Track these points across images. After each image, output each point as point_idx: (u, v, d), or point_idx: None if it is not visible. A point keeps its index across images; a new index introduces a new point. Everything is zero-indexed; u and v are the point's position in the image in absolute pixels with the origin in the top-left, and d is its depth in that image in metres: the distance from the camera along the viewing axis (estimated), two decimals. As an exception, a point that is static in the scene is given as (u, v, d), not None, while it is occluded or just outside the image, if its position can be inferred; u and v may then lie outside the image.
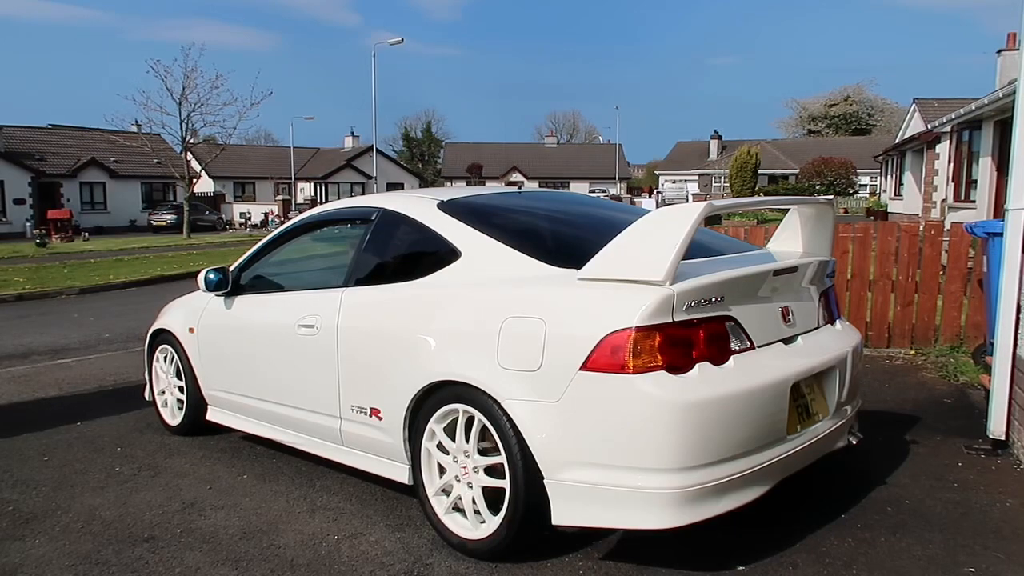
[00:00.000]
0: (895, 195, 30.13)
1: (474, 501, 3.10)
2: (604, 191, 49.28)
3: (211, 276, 4.43)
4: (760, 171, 46.47)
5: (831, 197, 4.08)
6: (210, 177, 46.32)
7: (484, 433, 3.04)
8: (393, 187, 48.24)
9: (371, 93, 39.27)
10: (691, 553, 3.06)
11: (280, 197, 47.06)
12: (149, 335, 5.14)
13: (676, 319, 2.72)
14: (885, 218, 25.64)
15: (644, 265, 2.75)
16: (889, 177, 33.35)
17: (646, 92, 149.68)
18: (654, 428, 2.65)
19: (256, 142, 65.71)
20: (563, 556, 3.07)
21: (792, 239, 3.76)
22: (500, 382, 2.90)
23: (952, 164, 19.99)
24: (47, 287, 13.25)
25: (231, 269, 4.52)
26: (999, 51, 22.10)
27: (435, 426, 3.20)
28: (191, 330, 4.71)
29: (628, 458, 2.70)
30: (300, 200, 48.00)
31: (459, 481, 3.16)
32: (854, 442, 3.53)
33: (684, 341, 2.75)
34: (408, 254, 3.77)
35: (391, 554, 3.16)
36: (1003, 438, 4.23)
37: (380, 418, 3.44)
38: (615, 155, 61.70)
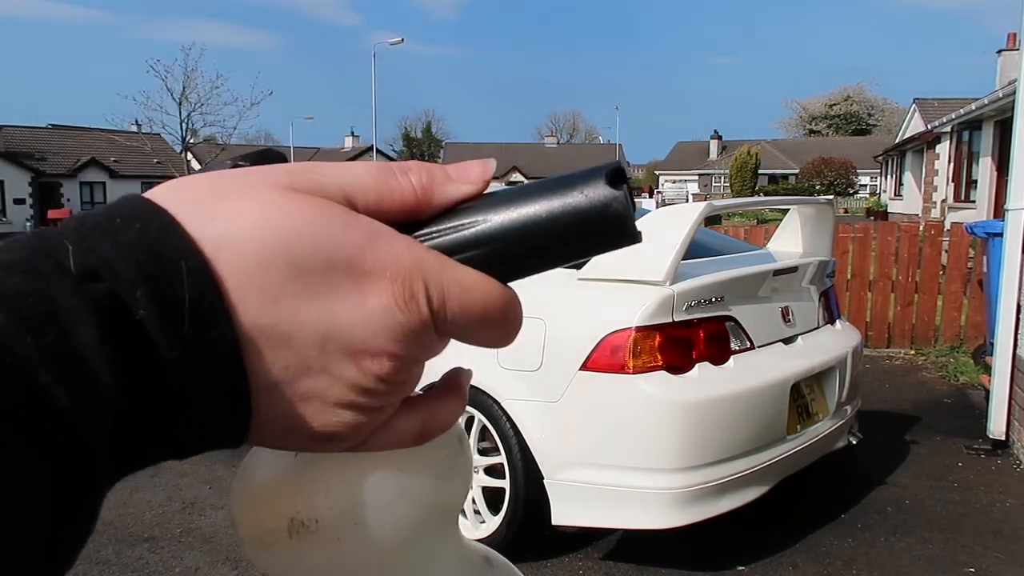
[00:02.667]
0: (895, 195, 30.13)
1: (474, 501, 3.10)
2: (604, 191, 49.13)
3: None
4: (760, 171, 46.49)
5: (831, 197, 4.09)
6: (210, 177, 46.29)
7: (484, 433, 3.04)
8: (393, 187, 48.06)
9: (371, 93, 39.20)
10: (691, 553, 3.06)
11: (280, 197, 46.99)
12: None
13: (676, 319, 2.72)
14: (885, 218, 25.64)
15: (644, 265, 2.75)
16: (889, 177, 33.35)
17: (646, 92, 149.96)
18: (654, 428, 2.65)
19: (256, 142, 65.69)
20: (563, 556, 3.07)
21: (792, 239, 3.76)
22: (500, 382, 2.90)
23: (952, 164, 19.99)
24: (47, 287, 13.26)
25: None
26: (999, 51, 22.10)
27: (435, 426, 3.19)
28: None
29: (628, 458, 2.70)
30: (300, 200, 47.92)
31: (459, 481, 3.16)
32: (854, 442, 3.53)
33: (684, 341, 2.75)
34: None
35: (391, 554, 3.16)
36: (1003, 438, 4.23)
37: (380, 418, 3.44)
38: (615, 155, 61.71)
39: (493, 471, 3.04)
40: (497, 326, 0.30)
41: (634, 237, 0.30)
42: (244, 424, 0.26)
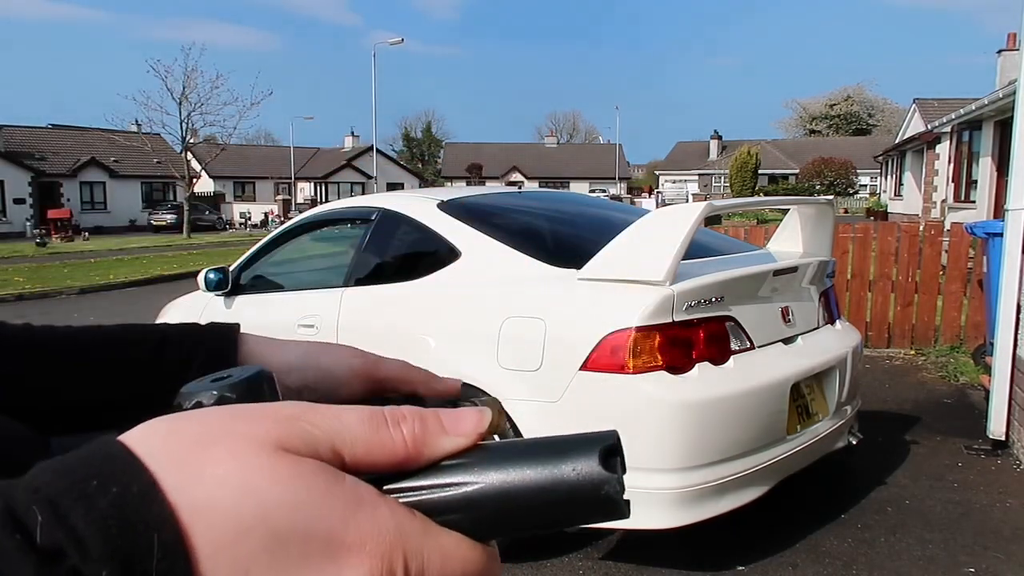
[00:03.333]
0: (895, 195, 30.12)
1: (474, 501, 3.10)
2: (604, 191, 49.21)
3: (211, 276, 4.43)
4: (760, 171, 46.47)
5: (831, 197, 4.09)
6: (210, 177, 46.29)
7: (484, 433, 3.03)
8: (393, 187, 48.14)
9: (371, 93, 39.11)
10: (691, 553, 3.06)
11: (280, 197, 47.04)
12: (149, 335, 5.13)
13: (676, 319, 2.72)
14: (885, 218, 25.63)
15: (644, 265, 2.75)
16: (889, 177, 33.35)
17: (646, 92, 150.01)
18: (654, 428, 2.65)
19: (256, 142, 65.67)
20: (563, 556, 3.07)
21: (792, 239, 3.76)
22: (500, 382, 2.90)
23: (952, 164, 19.99)
24: (47, 287, 13.25)
25: (231, 269, 4.51)
26: (999, 51, 22.09)
27: (435, 426, 3.19)
28: (191, 330, 4.69)
29: (628, 458, 2.68)
30: (300, 200, 47.95)
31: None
32: (854, 442, 3.53)
33: (684, 341, 2.75)
34: (408, 254, 3.77)
35: (391, 554, 3.15)
36: (1003, 438, 4.23)
37: (380, 418, 3.44)
38: (615, 155, 61.66)
39: (493, 471, 3.04)
40: None
41: (623, 515, 0.30)
42: None
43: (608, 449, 0.30)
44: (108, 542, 0.22)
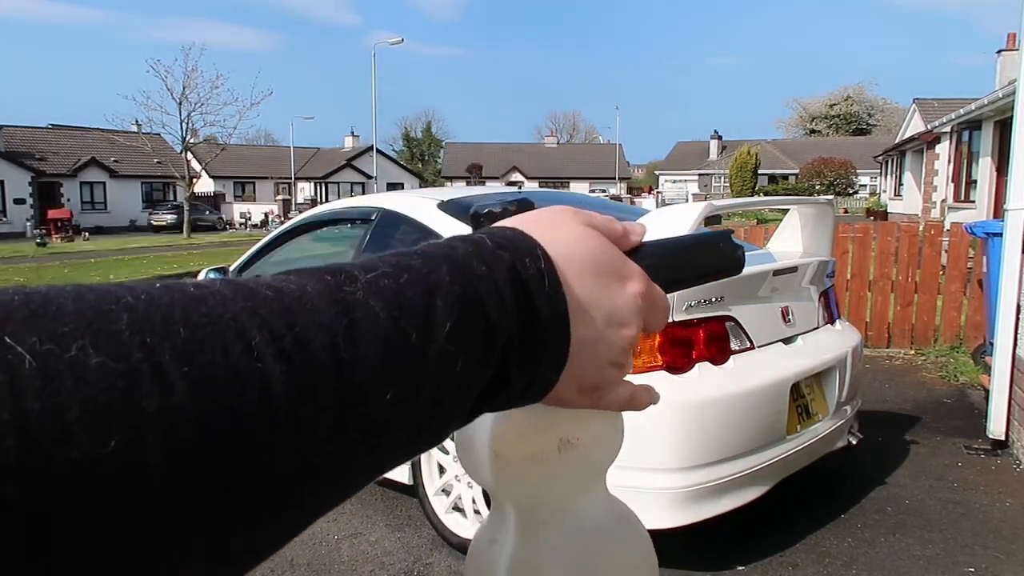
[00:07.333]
0: (895, 195, 30.12)
1: (474, 501, 3.10)
2: (604, 191, 49.17)
3: (211, 276, 4.43)
4: (760, 171, 46.45)
5: (831, 197, 4.09)
6: (210, 177, 46.25)
7: (484, 433, 3.04)
8: (393, 187, 48.07)
9: (371, 93, 39.09)
10: (691, 553, 3.06)
11: (280, 197, 47.02)
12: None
13: (676, 319, 2.73)
14: (885, 218, 25.61)
15: (644, 265, 2.75)
16: (889, 177, 33.35)
17: (646, 92, 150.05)
18: (654, 428, 2.65)
19: (256, 142, 65.62)
20: (563, 556, 3.07)
21: (792, 239, 3.76)
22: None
23: (952, 164, 19.99)
24: (47, 287, 13.24)
25: (231, 269, 4.52)
26: (999, 51, 22.09)
27: (435, 426, 3.20)
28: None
29: (627, 458, 2.69)
30: (300, 200, 47.93)
31: (459, 481, 3.16)
32: (854, 442, 3.53)
33: (684, 341, 2.75)
34: (408, 254, 3.77)
35: (391, 554, 3.16)
36: (1003, 438, 4.23)
37: (380, 418, 3.44)
38: (615, 155, 61.63)
39: (493, 471, 3.04)
40: (664, 315, 0.47)
41: (739, 267, 0.51)
42: (557, 376, 0.39)
43: (730, 234, 0.51)
44: (533, 264, 0.38)
